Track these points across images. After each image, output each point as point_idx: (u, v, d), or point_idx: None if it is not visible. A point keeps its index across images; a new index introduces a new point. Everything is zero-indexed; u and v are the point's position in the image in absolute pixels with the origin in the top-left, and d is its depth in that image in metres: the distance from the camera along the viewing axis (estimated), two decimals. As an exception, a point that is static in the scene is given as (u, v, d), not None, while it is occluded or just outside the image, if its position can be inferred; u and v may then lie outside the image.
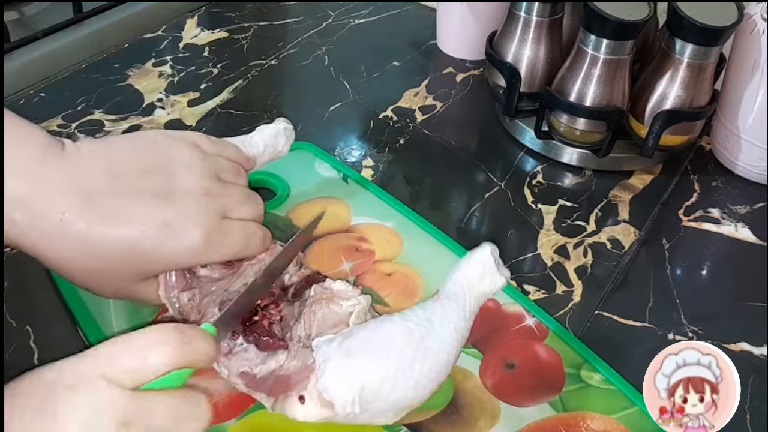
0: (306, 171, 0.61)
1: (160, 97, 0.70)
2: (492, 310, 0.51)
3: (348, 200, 0.58)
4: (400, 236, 0.56)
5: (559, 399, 0.46)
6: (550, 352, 0.48)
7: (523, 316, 0.51)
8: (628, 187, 0.65)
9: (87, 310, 0.48)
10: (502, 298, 0.51)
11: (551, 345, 0.49)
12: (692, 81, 0.59)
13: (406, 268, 0.53)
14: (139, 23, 0.80)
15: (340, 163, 0.63)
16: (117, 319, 0.48)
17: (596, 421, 0.45)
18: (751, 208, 0.64)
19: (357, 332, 0.41)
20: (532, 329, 0.50)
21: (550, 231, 0.60)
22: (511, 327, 0.50)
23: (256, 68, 0.75)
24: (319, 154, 0.63)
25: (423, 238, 0.56)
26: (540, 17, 0.63)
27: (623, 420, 0.45)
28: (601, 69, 0.59)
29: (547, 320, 0.50)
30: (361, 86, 0.74)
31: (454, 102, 0.74)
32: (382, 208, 0.58)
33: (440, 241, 0.56)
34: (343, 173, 0.61)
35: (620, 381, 0.47)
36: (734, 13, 0.57)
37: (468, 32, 0.78)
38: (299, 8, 0.86)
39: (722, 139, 0.67)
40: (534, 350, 0.49)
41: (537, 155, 0.67)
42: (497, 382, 0.46)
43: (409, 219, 0.57)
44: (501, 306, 0.51)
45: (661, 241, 0.60)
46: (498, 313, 0.51)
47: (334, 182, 0.61)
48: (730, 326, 0.53)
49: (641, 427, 0.44)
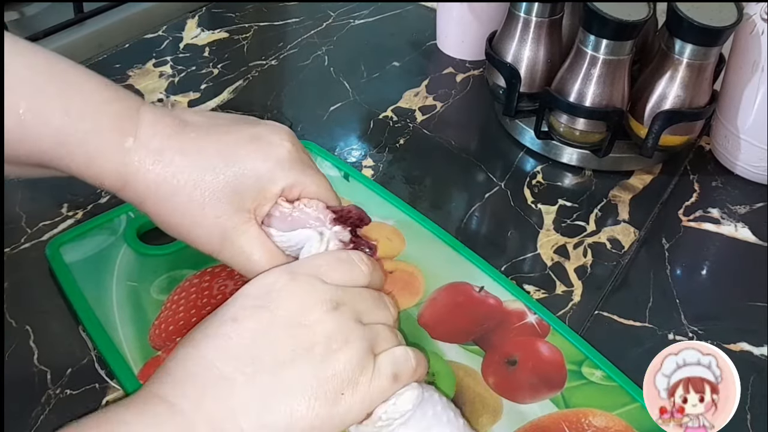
0: None
1: (160, 97, 0.70)
2: (493, 308, 0.51)
3: (349, 198, 0.58)
4: (402, 234, 0.56)
5: (560, 395, 0.46)
6: (552, 349, 0.49)
7: (524, 314, 0.51)
8: (627, 187, 0.65)
9: (91, 311, 0.48)
10: (503, 295, 0.52)
11: (552, 342, 0.49)
12: (692, 81, 0.60)
13: (408, 265, 0.54)
14: (139, 23, 0.80)
15: (341, 161, 0.63)
16: (121, 321, 0.48)
17: (598, 417, 0.45)
18: (750, 208, 0.64)
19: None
20: (533, 326, 0.50)
21: (550, 231, 0.60)
22: (513, 324, 0.50)
23: (257, 68, 0.75)
24: (320, 152, 0.63)
25: (425, 236, 0.56)
26: (540, 17, 0.63)
27: (624, 416, 0.45)
28: (601, 69, 0.60)
29: (548, 317, 0.51)
30: (361, 86, 0.74)
31: (454, 102, 0.74)
32: (384, 206, 0.59)
33: (442, 239, 0.56)
34: (344, 171, 0.62)
35: (621, 377, 0.47)
36: (734, 14, 0.57)
37: (468, 32, 0.78)
38: (299, 8, 0.86)
39: (722, 139, 0.67)
40: (535, 347, 0.49)
41: (537, 155, 0.67)
42: (499, 379, 0.47)
43: (410, 217, 0.58)
44: (502, 303, 0.51)
45: (660, 241, 0.60)
46: (499, 311, 0.51)
47: (335, 181, 0.60)
48: (730, 326, 0.53)
49: (642, 423, 0.44)
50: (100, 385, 0.45)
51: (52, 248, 0.51)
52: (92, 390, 0.44)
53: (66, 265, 0.50)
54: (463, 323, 0.50)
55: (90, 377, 0.45)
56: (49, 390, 0.44)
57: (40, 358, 0.46)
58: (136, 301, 0.49)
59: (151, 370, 0.44)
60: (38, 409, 0.43)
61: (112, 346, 0.46)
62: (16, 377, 0.44)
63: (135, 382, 0.44)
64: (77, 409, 0.43)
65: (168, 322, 0.48)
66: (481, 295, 0.52)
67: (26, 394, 0.44)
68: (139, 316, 0.48)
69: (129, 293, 0.49)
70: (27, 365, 0.45)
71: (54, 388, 0.44)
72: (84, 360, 0.46)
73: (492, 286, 0.52)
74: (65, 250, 0.51)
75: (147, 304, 0.49)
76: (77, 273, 0.50)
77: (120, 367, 0.45)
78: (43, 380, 0.44)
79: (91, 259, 0.51)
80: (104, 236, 0.53)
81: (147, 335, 0.47)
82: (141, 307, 0.48)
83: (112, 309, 0.48)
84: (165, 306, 0.49)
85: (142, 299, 0.49)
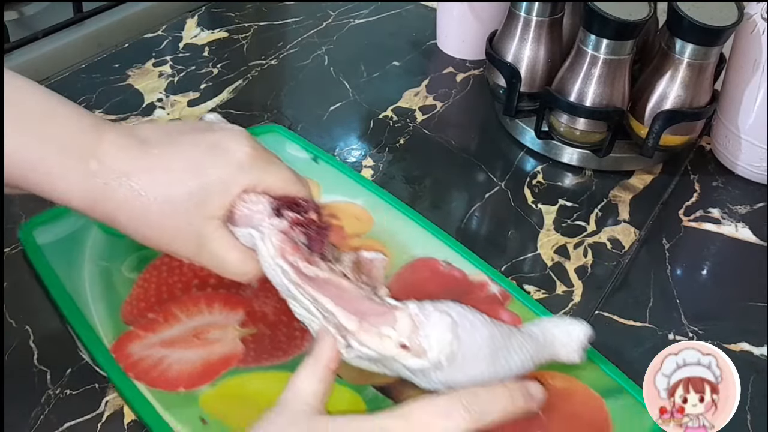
0: (277, 152, 0.62)
1: (160, 97, 0.70)
2: (458, 280, 0.53)
3: (318, 179, 0.59)
4: (369, 213, 0.58)
5: None
6: (512, 316, 0.51)
7: (486, 284, 0.53)
8: (628, 187, 0.65)
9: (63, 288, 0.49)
10: (467, 268, 0.54)
11: (513, 309, 0.51)
12: (692, 81, 0.59)
13: (375, 242, 0.55)
14: (139, 23, 0.80)
15: (310, 144, 0.64)
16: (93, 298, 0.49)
17: (557, 378, 0.46)
18: (751, 208, 0.64)
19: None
20: (495, 296, 0.52)
21: (550, 231, 0.60)
22: (476, 294, 0.52)
23: (256, 68, 0.75)
24: (289, 136, 0.65)
25: (392, 214, 0.58)
26: (540, 17, 0.63)
27: (582, 377, 0.47)
28: (601, 69, 0.59)
29: (510, 287, 0.53)
30: (361, 86, 0.74)
31: (454, 102, 0.74)
32: (352, 186, 0.60)
33: (409, 217, 0.57)
34: (313, 154, 0.63)
35: None
36: (734, 13, 0.57)
37: (468, 32, 0.78)
38: (299, 8, 0.86)
39: (722, 139, 0.67)
40: (497, 314, 0.51)
41: (537, 155, 0.67)
42: None
43: (378, 197, 0.59)
44: (467, 276, 0.53)
45: (661, 241, 0.60)
46: (464, 282, 0.53)
47: (304, 163, 0.62)
48: (730, 326, 0.53)
49: (598, 383, 0.46)
50: (100, 385, 0.45)
51: (25, 231, 0.52)
52: (92, 390, 0.44)
53: (39, 247, 0.51)
54: (428, 296, 0.51)
55: (90, 377, 0.45)
56: (49, 390, 0.44)
57: (39, 359, 0.46)
58: (107, 279, 0.50)
59: (123, 343, 0.46)
60: (38, 409, 0.43)
61: (84, 321, 0.47)
62: (15, 377, 0.44)
63: (107, 355, 0.45)
64: (77, 409, 0.43)
65: (140, 299, 0.49)
66: (446, 268, 0.54)
67: (26, 394, 0.44)
68: (111, 293, 0.49)
69: (101, 272, 0.50)
70: (27, 365, 0.45)
71: (54, 388, 0.44)
72: (83, 360, 0.46)
73: (457, 260, 0.54)
74: (38, 233, 0.52)
75: (118, 283, 0.50)
76: (49, 254, 0.51)
77: (92, 340, 0.46)
78: (42, 380, 0.44)
79: (62, 240, 0.52)
80: (75, 218, 0.54)
81: (119, 312, 0.48)
82: (112, 285, 0.50)
83: (83, 287, 0.49)
84: (137, 284, 0.50)
85: (113, 277, 0.50)
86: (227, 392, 0.44)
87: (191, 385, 0.44)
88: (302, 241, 0.43)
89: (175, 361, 0.45)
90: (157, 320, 0.47)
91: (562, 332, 0.45)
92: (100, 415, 0.43)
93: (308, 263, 0.42)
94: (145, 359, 0.45)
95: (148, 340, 0.46)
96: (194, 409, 0.43)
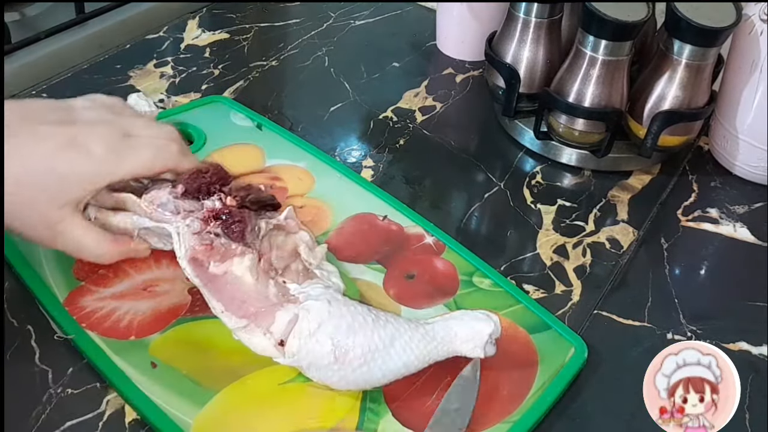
0: (221, 121, 0.66)
1: (161, 97, 0.70)
2: (395, 233, 0.56)
3: (262, 145, 0.62)
4: (312, 175, 0.61)
5: (453, 301, 0.51)
6: (446, 264, 0.54)
7: (422, 236, 0.56)
8: (626, 187, 0.65)
9: (16, 249, 0.51)
10: (404, 222, 0.57)
11: (447, 258, 0.54)
12: (690, 82, 0.60)
13: (317, 201, 0.58)
14: (140, 24, 0.81)
15: (254, 112, 0.66)
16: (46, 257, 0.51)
17: None
18: (749, 208, 0.64)
19: (347, 301, 0.45)
20: (430, 246, 0.55)
21: (549, 231, 0.60)
22: (412, 245, 0.55)
23: (257, 69, 0.76)
24: (233, 105, 0.67)
25: (333, 176, 0.61)
26: (539, 18, 0.63)
27: (509, 315, 0.50)
28: (600, 70, 0.60)
29: (443, 237, 0.56)
30: (361, 87, 0.75)
31: (454, 103, 0.74)
32: (296, 151, 0.63)
33: (350, 178, 0.61)
34: (257, 122, 0.65)
35: (507, 283, 0.53)
36: (732, 14, 0.57)
37: (467, 33, 0.78)
38: (300, 9, 0.86)
39: (720, 139, 0.67)
40: (431, 262, 0.54)
41: (536, 155, 0.67)
42: (399, 290, 0.52)
43: (320, 160, 0.62)
44: (404, 228, 0.56)
45: (659, 241, 0.60)
46: (400, 235, 0.56)
47: (248, 130, 0.65)
48: (730, 326, 0.53)
49: (524, 320, 0.50)
50: (101, 384, 0.45)
51: None
52: (93, 389, 0.45)
53: None
54: (367, 246, 0.55)
55: (91, 377, 0.45)
56: (50, 389, 0.44)
57: (41, 358, 0.46)
58: None
59: (75, 297, 0.48)
60: (39, 408, 0.43)
61: (38, 279, 0.49)
62: (17, 377, 0.44)
63: (61, 309, 0.47)
64: (78, 408, 0.43)
65: None
66: (384, 222, 0.57)
67: (27, 393, 0.44)
68: (62, 253, 0.50)
69: None
70: (28, 365, 0.45)
71: (55, 388, 0.44)
72: (85, 360, 0.46)
73: (395, 215, 0.57)
74: None
75: None
76: None
77: (45, 295, 0.48)
78: (44, 380, 0.45)
79: None
80: None
81: (71, 269, 0.50)
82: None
83: (36, 248, 0.50)
84: None
85: None
86: (175, 339, 0.47)
87: (142, 334, 0.47)
88: (221, 233, 0.46)
89: (126, 312, 0.48)
90: (108, 275, 0.50)
91: (465, 328, 0.45)
92: (101, 415, 0.43)
93: (221, 261, 0.45)
94: (97, 311, 0.47)
95: (99, 293, 0.49)
96: (144, 354, 0.46)
